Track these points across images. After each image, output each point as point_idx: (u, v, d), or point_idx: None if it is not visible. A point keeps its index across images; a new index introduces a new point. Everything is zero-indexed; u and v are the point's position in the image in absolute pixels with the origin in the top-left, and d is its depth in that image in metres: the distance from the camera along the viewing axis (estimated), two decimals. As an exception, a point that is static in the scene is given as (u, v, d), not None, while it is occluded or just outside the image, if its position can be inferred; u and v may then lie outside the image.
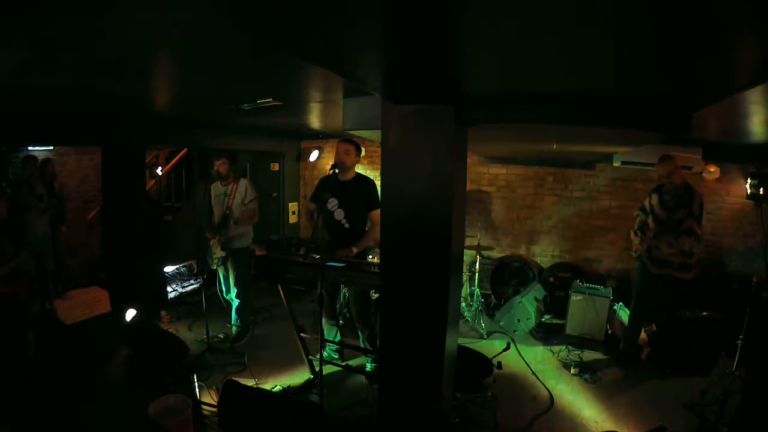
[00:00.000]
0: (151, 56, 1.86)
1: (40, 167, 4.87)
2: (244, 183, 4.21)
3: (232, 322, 4.38)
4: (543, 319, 4.91)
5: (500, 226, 5.92)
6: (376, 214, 3.52)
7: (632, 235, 3.97)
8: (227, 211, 4.10)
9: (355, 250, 3.44)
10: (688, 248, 3.55)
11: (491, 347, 4.16)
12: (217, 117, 4.13)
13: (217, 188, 4.26)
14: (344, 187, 3.57)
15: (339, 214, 3.55)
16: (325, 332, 3.81)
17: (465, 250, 3.96)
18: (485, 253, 5.25)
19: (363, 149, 3.68)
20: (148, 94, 2.84)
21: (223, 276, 4.34)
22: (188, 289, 5.54)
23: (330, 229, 3.63)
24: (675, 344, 3.82)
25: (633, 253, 4.00)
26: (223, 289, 4.38)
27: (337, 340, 3.86)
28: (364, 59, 1.38)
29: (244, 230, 4.20)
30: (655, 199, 3.85)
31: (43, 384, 3.26)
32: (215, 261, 4.21)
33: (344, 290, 4.33)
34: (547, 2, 0.84)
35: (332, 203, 3.56)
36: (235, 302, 4.29)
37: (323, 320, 3.78)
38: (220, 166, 4.09)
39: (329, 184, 3.56)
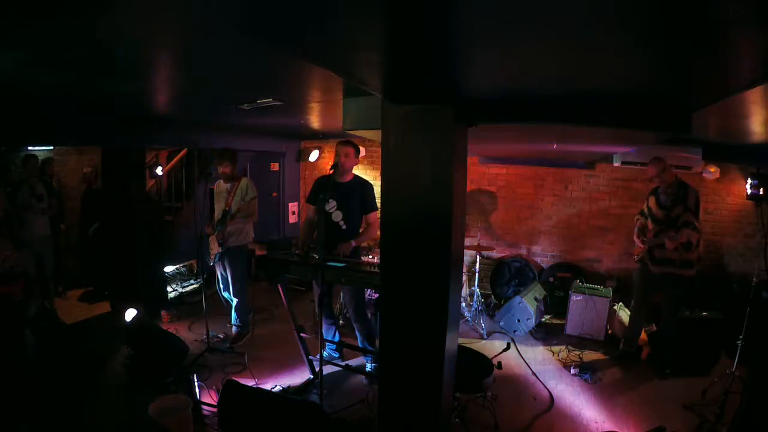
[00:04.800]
0: (151, 56, 1.86)
1: (41, 166, 4.87)
2: (245, 181, 4.27)
3: (232, 322, 4.38)
4: (543, 319, 4.91)
5: (500, 226, 5.91)
6: (372, 216, 3.61)
7: (635, 239, 3.98)
8: (227, 208, 4.15)
9: (353, 243, 3.48)
10: (686, 239, 3.55)
11: (491, 347, 4.16)
12: (217, 117, 4.13)
13: (219, 186, 4.34)
14: (342, 189, 3.58)
15: (337, 216, 3.56)
16: (324, 331, 3.81)
17: (465, 250, 3.96)
18: (485, 253, 5.25)
19: (362, 149, 3.68)
20: (148, 94, 2.84)
21: (221, 274, 4.35)
22: (188, 289, 5.54)
23: (327, 230, 3.61)
24: (675, 344, 3.82)
25: (635, 257, 4.01)
26: (221, 287, 4.38)
27: (336, 339, 3.87)
28: (364, 59, 1.38)
29: (241, 228, 4.21)
30: (652, 201, 3.88)
31: (43, 384, 3.26)
32: (212, 257, 4.23)
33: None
34: (547, 3, 0.84)
35: (330, 205, 3.57)
36: (234, 301, 4.30)
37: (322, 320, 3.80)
38: (224, 169, 4.16)
39: (327, 186, 3.53)
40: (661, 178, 3.71)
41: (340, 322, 4.45)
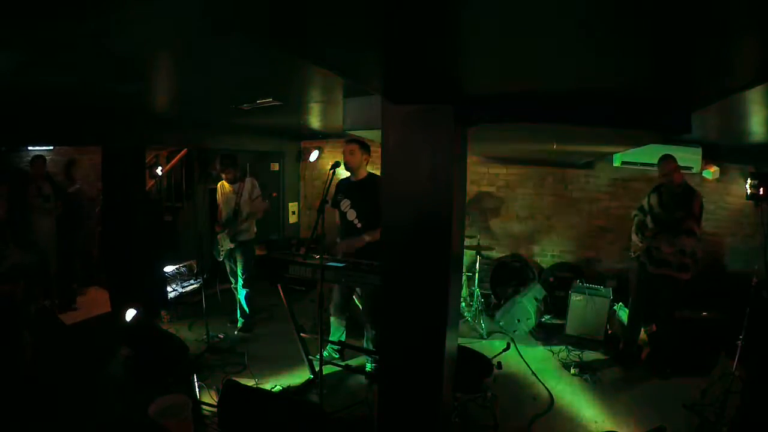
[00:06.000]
0: (151, 56, 1.86)
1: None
2: (250, 181, 4.49)
3: (238, 316, 4.56)
4: (543, 319, 4.91)
5: (500, 226, 5.91)
6: None
7: (633, 235, 3.98)
8: (236, 207, 4.37)
9: (367, 238, 3.47)
10: (689, 249, 3.55)
11: (491, 347, 4.16)
12: (217, 117, 4.13)
13: (224, 187, 4.53)
14: (356, 187, 3.64)
15: (351, 215, 3.60)
16: (332, 330, 3.82)
17: (465, 250, 3.96)
18: (485, 253, 5.25)
19: (370, 146, 3.71)
20: (148, 94, 2.85)
21: (230, 269, 4.58)
22: (188, 289, 5.54)
23: (344, 230, 3.69)
24: (675, 344, 3.81)
25: (632, 254, 4.01)
26: (232, 281, 4.61)
27: (341, 340, 3.87)
28: (364, 60, 1.38)
29: (249, 224, 4.49)
30: (654, 199, 3.86)
31: (43, 384, 3.26)
32: (223, 253, 4.47)
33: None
34: (547, 3, 0.84)
35: (345, 204, 3.64)
36: (242, 292, 4.48)
37: (333, 319, 3.81)
38: (227, 174, 4.42)
39: (342, 187, 3.70)
40: (668, 178, 3.69)
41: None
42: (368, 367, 3.74)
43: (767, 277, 3.39)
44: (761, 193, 3.60)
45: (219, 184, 4.57)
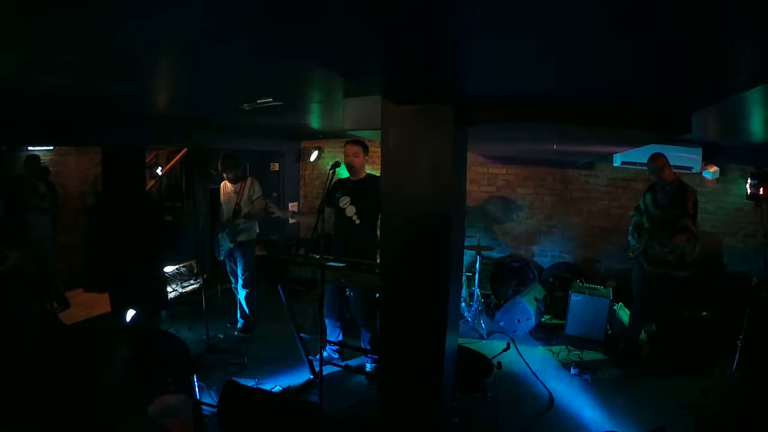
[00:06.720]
0: (151, 56, 1.86)
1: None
2: (250, 181, 4.51)
3: (238, 316, 4.55)
4: (543, 319, 4.91)
5: (500, 226, 5.91)
6: None
7: (630, 237, 3.98)
8: (236, 207, 4.38)
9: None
10: (686, 246, 3.54)
11: (491, 347, 4.16)
12: (217, 117, 4.13)
13: (226, 186, 4.57)
14: (356, 185, 3.70)
15: (350, 211, 3.65)
16: (328, 332, 3.83)
17: (465, 250, 3.96)
18: (485, 253, 5.25)
19: (369, 147, 3.76)
20: (148, 94, 2.84)
21: (231, 269, 4.57)
22: (188, 289, 5.54)
23: (341, 226, 3.72)
24: (675, 344, 3.81)
25: (631, 255, 4.01)
26: (232, 281, 4.61)
27: (339, 340, 3.87)
28: (364, 61, 1.38)
29: (250, 224, 4.49)
30: (648, 198, 3.86)
31: (43, 384, 3.26)
32: (223, 253, 4.48)
33: (348, 291, 4.34)
34: (547, 3, 0.84)
35: (344, 201, 3.68)
36: (242, 292, 4.47)
37: (326, 321, 3.81)
38: (228, 174, 4.46)
39: (341, 185, 3.74)
40: (658, 175, 3.69)
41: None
42: (368, 367, 3.74)
43: (767, 277, 3.40)
44: (761, 193, 3.61)
45: (222, 184, 4.60)
